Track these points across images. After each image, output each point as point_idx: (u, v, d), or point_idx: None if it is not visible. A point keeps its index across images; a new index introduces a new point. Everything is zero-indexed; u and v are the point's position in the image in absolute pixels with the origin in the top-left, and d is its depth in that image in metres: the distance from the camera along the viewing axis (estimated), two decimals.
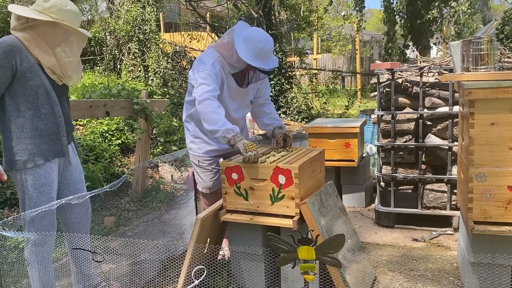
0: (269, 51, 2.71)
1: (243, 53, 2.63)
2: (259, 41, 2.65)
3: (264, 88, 3.07)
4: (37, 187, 2.31)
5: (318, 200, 2.58)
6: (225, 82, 2.79)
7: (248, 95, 2.98)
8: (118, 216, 4.26)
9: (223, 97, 2.80)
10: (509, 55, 3.67)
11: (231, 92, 2.84)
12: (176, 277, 2.74)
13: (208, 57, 2.77)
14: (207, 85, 2.63)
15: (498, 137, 2.34)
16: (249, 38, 2.66)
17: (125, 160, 5.63)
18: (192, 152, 3.00)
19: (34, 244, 2.32)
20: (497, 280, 2.43)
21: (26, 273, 2.41)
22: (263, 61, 2.68)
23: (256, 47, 2.64)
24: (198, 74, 2.68)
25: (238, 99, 2.91)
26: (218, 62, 2.75)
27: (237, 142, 2.56)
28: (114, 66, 10.06)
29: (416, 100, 3.63)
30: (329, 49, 20.26)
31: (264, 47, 2.66)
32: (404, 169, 3.74)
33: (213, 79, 2.66)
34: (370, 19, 29.81)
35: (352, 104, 9.09)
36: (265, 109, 3.07)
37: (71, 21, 2.30)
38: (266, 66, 2.68)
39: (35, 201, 2.31)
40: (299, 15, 12.42)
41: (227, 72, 2.78)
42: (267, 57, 2.70)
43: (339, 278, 2.38)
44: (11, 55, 2.20)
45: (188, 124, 2.99)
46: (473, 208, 2.40)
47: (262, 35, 2.71)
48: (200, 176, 3.02)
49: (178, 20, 12.78)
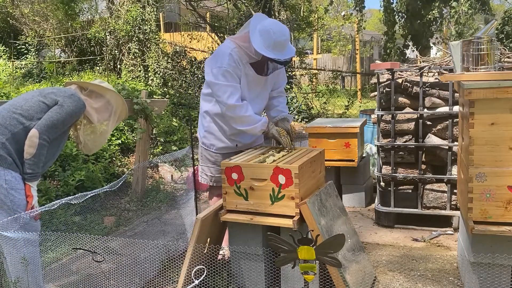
0: (285, 42, 2.73)
1: (258, 45, 2.68)
2: (274, 32, 2.68)
3: (280, 80, 3.09)
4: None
5: (318, 200, 2.58)
6: (243, 72, 2.81)
7: (267, 86, 2.99)
8: (118, 216, 4.26)
9: (241, 88, 2.83)
10: (509, 55, 3.67)
11: (248, 80, 2.85)
12: (176, 277, 2.74)
13: (224, 50, 2.81)
14: (228, 86, 2.72)
15: (498, 137, 2.34)
16: (264, 30, 2.69)
17: (125, 160, 5.63)
18: (205, 147, 3.05)
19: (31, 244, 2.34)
20: (497, 280, 2.43)
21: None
22: (279, 52, 2.71)
23: (271, 38, 2.67)
24: (216, 70, 2.74)
25: (257, 89, 2.92)
26: (234, 53, 2.77)
27: (270, 130, 2.81)
28: (114, 66, 10.06)
29: (416, 100, 3.63)
30: (329, 49, 20.24)
31: (279, 39, 2.69)
32: (404, 169, 3.74)
33: (231, 76, 2.74)
34: (370, 19, 29.80)
35: (352, 104, 9.08)
36: (273, 102, 3.09)
37: (118, 98, 2.70)
38: (282, 57, 2.72)
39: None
40: (299, 15, 12.41)
41: (244, 62, 2.81)
42: (282, 48, 2.72)
43: (339, 278, 2.38)
44: (80, 117, 2.58)
45: (204, 119, 3.03)
46: (473, 208, 2.40)
47: (278, 27, 2.73)
48: (211, 170, 3.05)
49: (178, 20, 12.78)
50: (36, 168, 2.37)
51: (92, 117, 2.61)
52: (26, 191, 2.37)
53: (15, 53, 8.93)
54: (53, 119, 2.39)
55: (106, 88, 2.63)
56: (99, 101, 2.62)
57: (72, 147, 4.77)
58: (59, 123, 2.42)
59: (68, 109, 2.44)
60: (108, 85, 2.68)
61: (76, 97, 2.51)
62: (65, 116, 2.43)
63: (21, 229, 2.29)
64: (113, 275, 2.69)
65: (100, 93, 2.62)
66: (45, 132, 2.36)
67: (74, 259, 3.14)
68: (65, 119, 2.43)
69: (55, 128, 2.41)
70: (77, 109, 2.49)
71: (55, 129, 2.41)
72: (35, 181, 2.42)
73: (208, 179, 3.09)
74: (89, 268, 2.89)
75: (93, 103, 2.60)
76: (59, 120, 2.41)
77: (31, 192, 2.38)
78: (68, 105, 2.44)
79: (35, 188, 2.42)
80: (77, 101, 2.50)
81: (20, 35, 9.51)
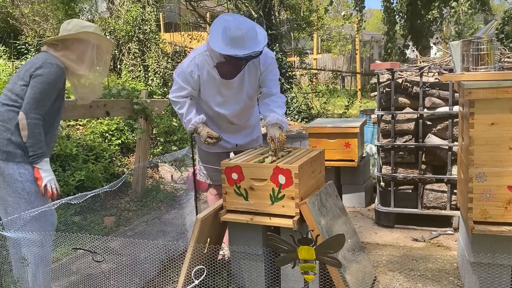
0: (243, 36, 2.55)
1: (216, 44, 2.58)
2: (230, 28, 2.54)
3: (266, 81, 2.86)
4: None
5: (318, 200, 2.58)
6: (207, 76, 2.78)
7: (243, 88, 2.84)
8: (118, 216, 4.26)
9: (204, 92, 2.85)
10: (509, 55, 3.67)
11: (214, 85, 2.80)
12: (176, 277, 2.74)
13: (192, 53, 2.85)
14: (176, 83, 2.83)
15: (498, 137, 2.33)
16: (222, 27, 2.58)
17: (125, 160, 5.63)
18: (199, 146, 3.09)
19: (35, 244, 2.33)
20: (497, 280, 2.43)
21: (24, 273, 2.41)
22: (237, 48, 2.54)
23: (227, 35, 2.55)
24: (177, 68, 2.87)
25: (225, 92, 2.84)
26: (199, 57, 2.76)
27: (200, 131, 2.83)
28: (114, 66, 10.05)
29: (416, 100, 3.63)
30: (329, 49, 20.24)
31: (235, 34, 2.53)
32: (404, 169, 3.74)
33: (183, 76, 2.80)
34: (370, 19, 29.82)
35: (352, 104, 9.08)
36: (265, 101, 2.88)
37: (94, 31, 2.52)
38: (240, 53, 2.53)
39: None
40: (299, 15, 12.42)
41: (211, 66, 2.74)
42: (241, 43, 2.55)
43: (339, 278, 2.38)
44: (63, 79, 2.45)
45: None
46: (473, 208, 2.40)
47: (236, 22, 2.58)
48: (206, 170, 3.07)
49: (178, 20, 12.79)
50: (37, 149, 2.32)
51: (77, 69, 2.48)
52: (35, 174, 2.34)
53: (15, 53, 8.91)
54: (33, 95, 2.31)
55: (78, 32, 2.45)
56: (77, 47, 2.46)
57: (72, 147, 4.77)
58: (42, 96, 2.33)
59: (43, 78, 2.33)
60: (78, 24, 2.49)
61: (47, 63, 2.36)
62: (44, 86, 2.33)
63: (36, 223, 2.29)
64: (113, 275, 2.69)
65: (75, 38, 2.45)
66: (31, 110, 2.30)
67: (74, 259, 3.14)
68: (44, 89, 2.33)
69: (39, 102, 2.33)
70: (52, 74, 2.36)
71: (40, 102, 2.33)
72: (42, 161, 2.35)
73: (205, 177, 3.14)
74: (89, 268, 2.89)
75: (71, 54, 2.45)
76: (39, 93, 2.32)
77: (39, 174, 2.33)
78: (42, 75, 2.33)
79: (45, 169, 2.36)
80: (49, 67, 2.36)
81: (20, 35, 9.49)
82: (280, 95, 2.91)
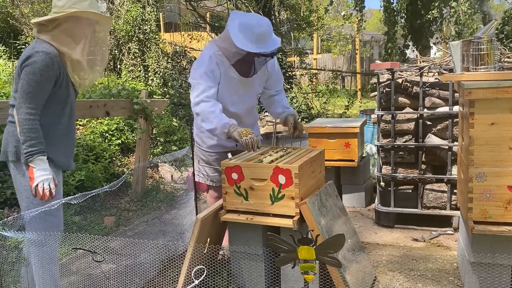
0: (266, 33, 2.63)
1: (241, 42, 2.59)
2: (254, 26, 2.58)
3: (274, 81, 3.02)
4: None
5: (318, 200, 2.58)
6: (224, 76, 2.77)
7: (254, 87, 2.93)
8: (118, 216, 4.26)
9: (221, 92, 2.78)
10: (509, 55, 3.67)
11: (232, 84, 2.81)
12: (176, 277, 2.74)
13: (205, 53, 2.78)
14: (200, 84, 2.66)
15: (498, 137, 2.34)
16: (243, 25, 2.60)
17: (125, 160, 5.63)
18: (198, 146, 3.05)
19: (37, 244, 2.33)
20: (497, 280, 2.43)
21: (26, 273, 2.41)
22: (262, 45, 2.61)
23: (252, 32, 2.58)
24: (194, 72, 2.72)
25: (240, 91, 2.87)
26: (215, 56, 2.73)
27: (232, 132, 2.57)
28: (114, 66, 10.05)
29: (416, 100, 3.63)
30: (329, 49, 20.25)
31: (260, 30, 2.59)
32: (404, 169, 3.74)
33: (208, 77, 2.68)
34: (370, 19, 29.80)
35: (352, 104, 9.08)
36: (276, 98, 3.05)
37: (89, 8, 2.28)
38: (266, 49, 2.62)
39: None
40: (299, 15, 12.42)
41: (227, 65, 2.75)
42: (265, 40, 2.62)
43: (339, 278, 2.38)
44: (57, 65, 2.23)
45: (195, 119, 3.02)
46: (473, 208, 2.40)
47: (256, 19, 2.64)
48: (205, 169, 3.04)
49: (178, 20, 12.78)
50: (29, 146, 2.15)
51: (70, 52, 2.27)
52: (29, 173, 2.19)
53: (15, 53, 8.91)
54: (24, 87, 2.16)
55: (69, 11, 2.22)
56: (69, 26, 2.25)
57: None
58: (31, 88, 2.16)
59: (30, 68, 2.16)
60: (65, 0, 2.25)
61: (34, 52, 2.17)
62: (31, 77, 2.16)
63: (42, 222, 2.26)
64: (113, 275, 2.69)
65: (65, 18, 2.24)
66: (21, 105, 2.16)
67: (74, 259, 3.14)
68: (31, 80, 2.16)
69: (29, 94, 2.16)
70: (39, 63, 2.16)
71: (30, 94, 2.16)
72: (36, 159, 2.17)
73: (205, 178, 3.09)
74: (89, 268, 2.89)
75: (62, 35, 2.24)
76: (27, 85, 2.16)
77: (32, 174, 2.17)
78: (29, 65, 2.16)
79: (40, 168, 2.18)
80: (35, 55, 2.17)
81: (20, 35, 9.49)
82: (283, 91, 3.13)
